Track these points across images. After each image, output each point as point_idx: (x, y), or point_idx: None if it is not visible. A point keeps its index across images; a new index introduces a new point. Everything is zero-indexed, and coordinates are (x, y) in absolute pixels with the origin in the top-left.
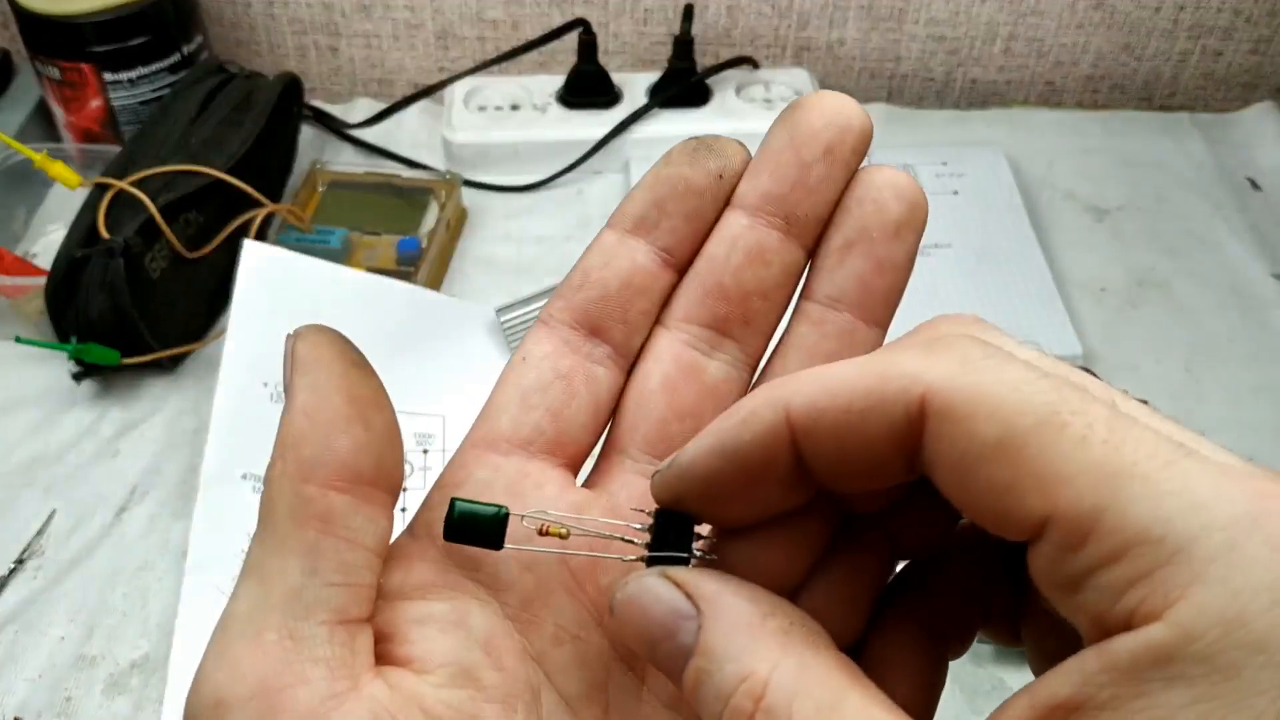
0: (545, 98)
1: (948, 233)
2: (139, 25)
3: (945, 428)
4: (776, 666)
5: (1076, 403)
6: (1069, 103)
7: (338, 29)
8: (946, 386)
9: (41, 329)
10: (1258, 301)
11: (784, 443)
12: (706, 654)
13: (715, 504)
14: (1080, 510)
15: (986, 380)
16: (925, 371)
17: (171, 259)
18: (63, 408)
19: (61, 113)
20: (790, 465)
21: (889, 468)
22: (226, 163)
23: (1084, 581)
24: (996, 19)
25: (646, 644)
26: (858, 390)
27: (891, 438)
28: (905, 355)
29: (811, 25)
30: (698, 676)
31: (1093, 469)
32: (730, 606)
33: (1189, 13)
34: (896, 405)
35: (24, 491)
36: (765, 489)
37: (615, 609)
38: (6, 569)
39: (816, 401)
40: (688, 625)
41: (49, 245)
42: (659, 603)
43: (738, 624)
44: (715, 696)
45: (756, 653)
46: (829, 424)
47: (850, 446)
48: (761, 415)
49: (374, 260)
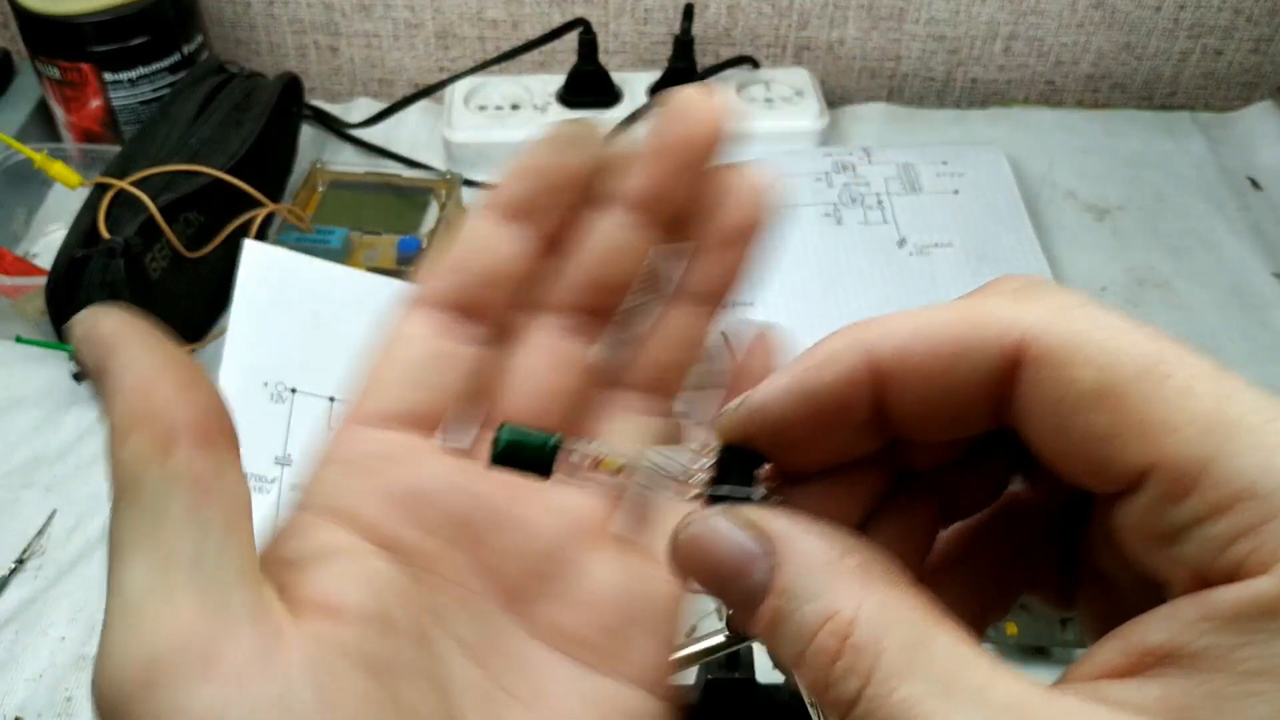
0: (545, 97)
1: (948, 232)
2: (139, 25)
3: (1043, 374)
4: (861, 604)
5: (1176, 355)
6: (1069, 102)
7: (338, 29)
8: (1045, 332)
9: (42, 329)
10: (1258, 301)
11: (864, 386)
12: (784, 593)
13: (784, 446)
14: (1186, 460)
15: (1086, 327)
16: (1022, 316)
17: (172, 259)
18: (63, 407)
19: (62, 112)
20: (867, 410)
21: (973, 416)
22: (227, 162)
23: (1184, 534)
24: (997, 18)
25: (715, 584)
26: (949, 334)
27: (982, 384)
28: (997, 301)
29: (812, 25)
30: (775, 616)
31: (1199, 419)
32: (805, 544)
33: (1189, 12)
34: (991, 350)
35: (24, 491)
36: (838, 434)
37: (679, 549)
38: (7, 569)
39: (904, 344)
40: (760, 565)
41: (49, 245)
42: (728, 542)
43: (815, 562)
44: (796, 636)
45: (838, 591)
46: (916, 368)
47: (937, 392)
48: (843, 357)
49: (374, 260)
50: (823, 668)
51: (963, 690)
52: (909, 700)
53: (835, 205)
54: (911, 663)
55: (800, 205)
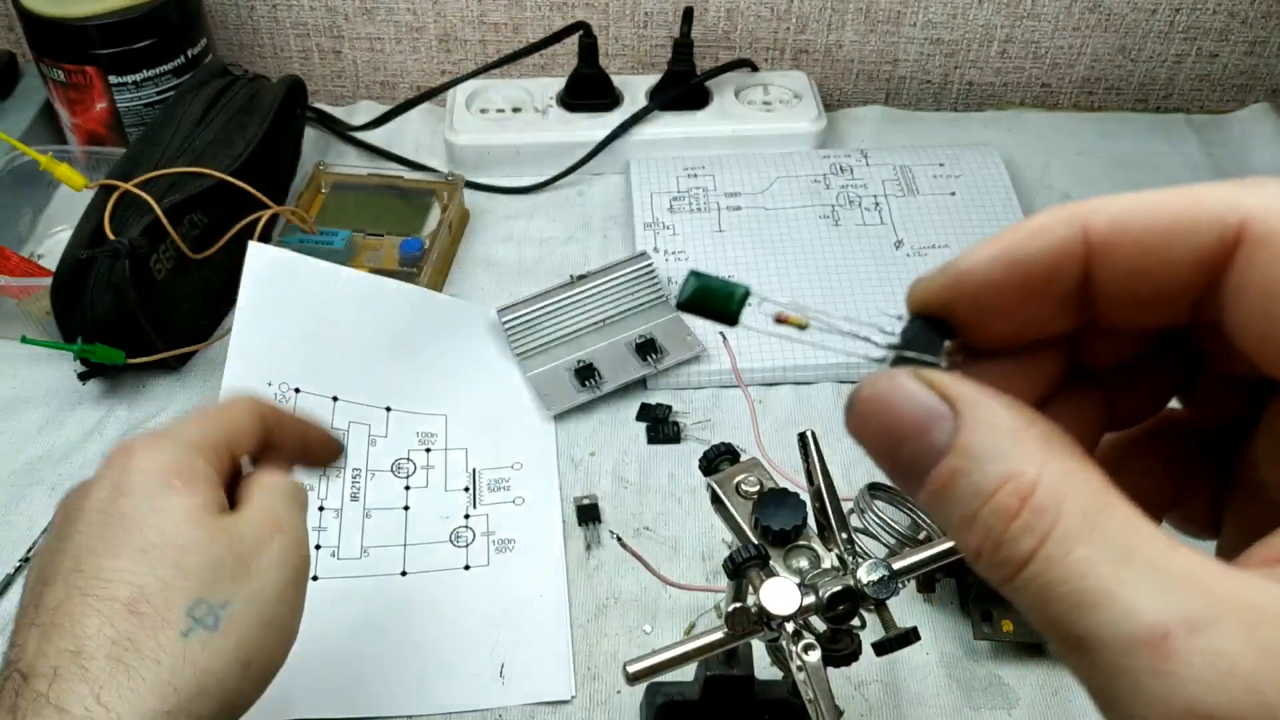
0: (546, 100)
1: (944, 233)
2: (144, 28)
3: (1262, 253)
4: (1043, 469)
5: None
6: (1065, 104)
7: (341, 32)
8: (1269, 214)
9: (47, 329)
10: None
11: (1075, 258)
12: (965, 453)
13: (981, 314)
14: None
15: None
16: (1244, 200)
17: (177, 260)
18: (69, 407)
19: (67, 115)
20: (1073, 285)
21: (1178, 298)
22: (231, 164)
23: None
24: (993, 22)
25: (890, 441)
26: (1169, 210)
27: (1196, 262)
28: (1217, 186)
29: (810, 28)
30: (952, 475)
31: None
32: (990, 409)
33: (1184, 15)
34: (1211, 228)
35: (30, 490)
36: (1038, 306)
37: (858, 405)
38: (12, 567)
39: (1121, 218)
40: (943, 424)
41: (55, 246)
42: (912, 400)
43: (999, 427)
44: (974, 495)
45: (1022, 454)
46: (1131, 242)
47: (1149, 268)
48: (1055, 228)
49: (377, 261)
50: (998, 526)
51: (1140, 558)
52: (1086, 561)
53: (833, 207)
54: (1091, 528)
55: (798, 207)
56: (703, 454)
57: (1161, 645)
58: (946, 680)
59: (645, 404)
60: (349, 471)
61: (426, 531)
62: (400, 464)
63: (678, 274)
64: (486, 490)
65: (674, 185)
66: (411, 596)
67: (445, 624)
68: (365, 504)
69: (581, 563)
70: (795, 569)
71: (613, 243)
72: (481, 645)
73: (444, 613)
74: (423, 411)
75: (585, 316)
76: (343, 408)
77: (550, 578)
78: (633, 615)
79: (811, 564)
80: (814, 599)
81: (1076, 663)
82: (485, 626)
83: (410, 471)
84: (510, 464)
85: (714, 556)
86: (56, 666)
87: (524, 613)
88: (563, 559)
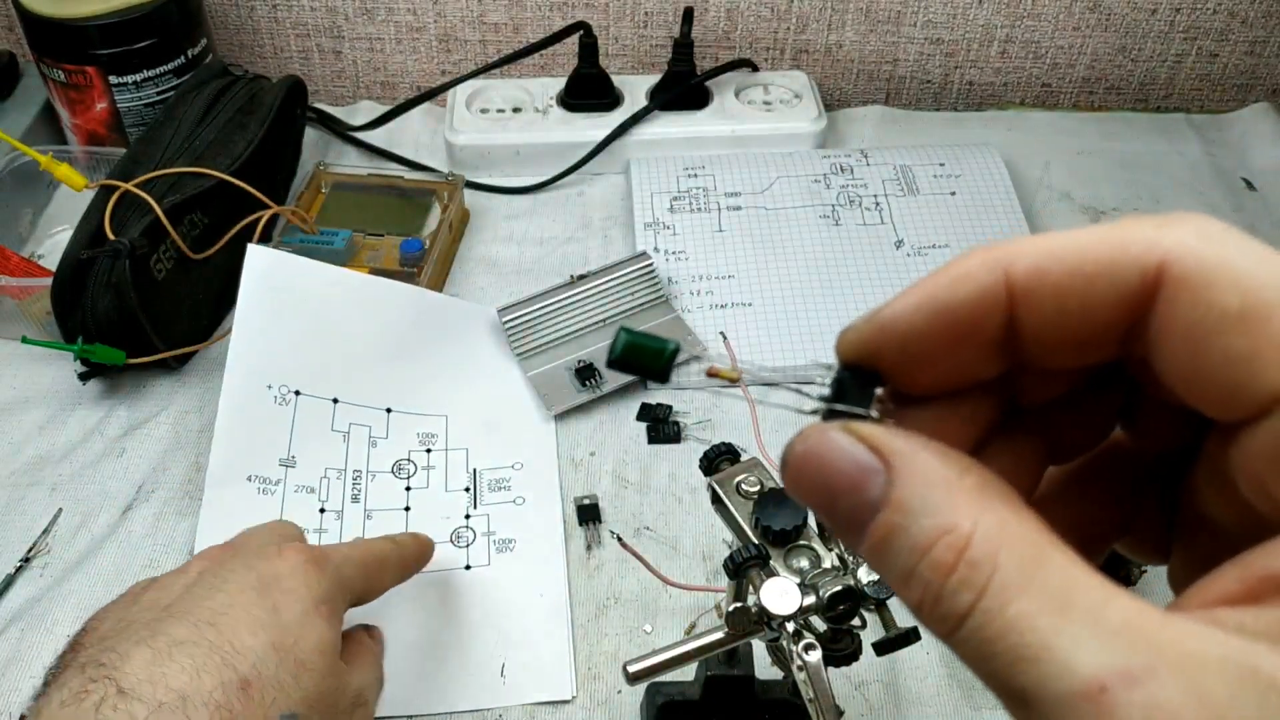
0: (546, 100)
1: (945, 234)
2: (144, 28)
3: (1183, 294)
4: (978, 520)
5: None
6: (1065, 104)
7: (341, 32)
8: (1188, 254)
9: (48, 329)
10: None
11: (998, 304)
12: (899, 508)
13: (907, 364)
14: None
15: (1230, 251)
16: (1163, 239)
17: (177, 260)
18: (69, 407)
19: (67, 115)
20: (998, 330)
21: (1104, 339)
22: (231, 165)
23: None
24: (993, 21)
25: (825, 497)
26: (1090, 253)
27: (1119, 305)
28: (1138, 224)
29: (810, 28)
30: (888, 531)
31: None
32: (923, 461)
33: (1185, 15)
34: (1132, 270)
35: (30, 490)
36: (964, 353)
37: (790, 462)
38: (13, 567)
39: (1042, 263)
40: (875, 479)
41: (55, 246)
42: (844, 456)
43: (932, 479)
44: (910, 550)
45: (956, 507)
46: (1053, 286)
47: (1072, 312)
48: (977, 275)
49: (377, 261)
50: (935, 581)
51: (1077, 609)
52: (1023, 615)
53: (833, 207)
54: (1028, 579)
55: (798, 207)
56: (703, 454)
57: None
58: (947, 680)
59: (645, 404)
60: (349, 473)
61: (427, 532)
62: (401, 465)
63: (678, 274)
64: (487, 490)
65: (674, 185)
66: (412, 596)
67: (446, 624)
68: (366, 505)
69: (582, 563)
70: (796, 569)
71: (613, 243)
72: (482, 645)
73: (444, 613)
74: (423, 412)
75: (585, 316)
76: (343, 409)
77: (551, 578)
78: (633, 615)
79: (812, 564)
80: (814, 599)
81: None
82: (486, 626)
83: (411, 472)
84: (511, 464)
85: (714, 556)
86: (163, 703)
87: (524, 613)
88: (563, 559)
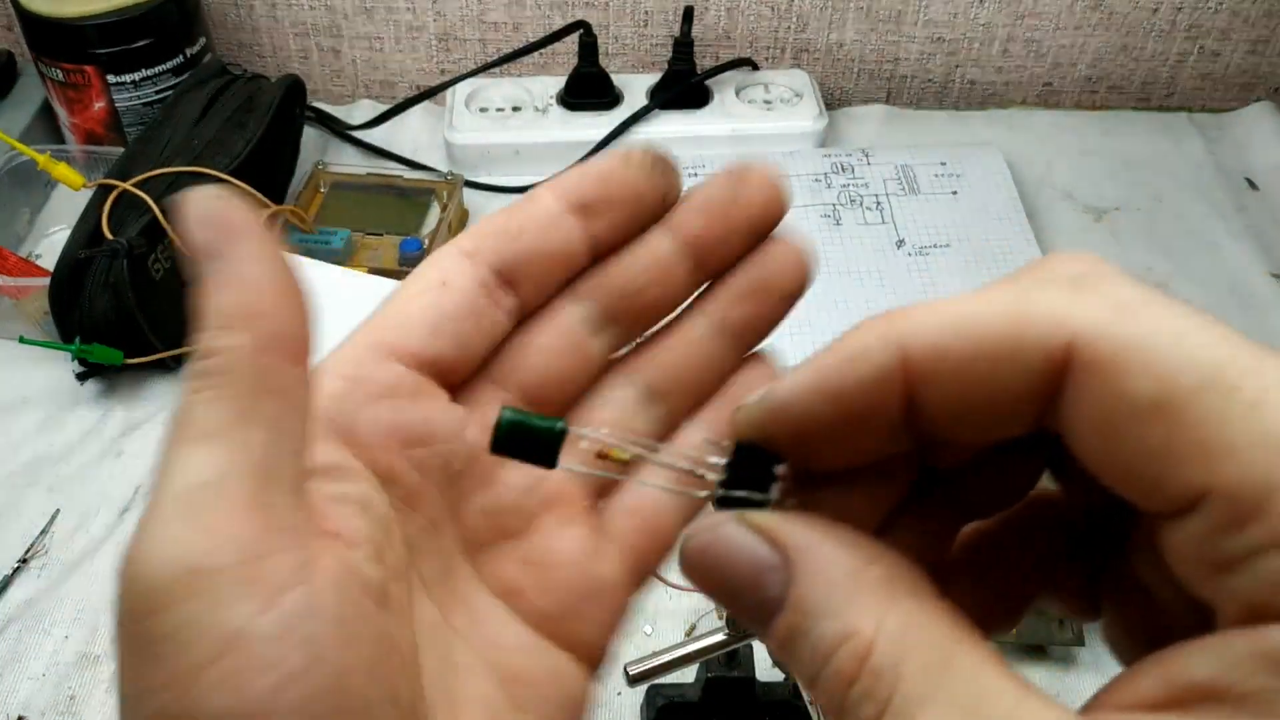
0: (546, 99)
1: (946, 233)
2: (142, 28)
3: (1093, 381)
4: (881, 623)
5: (1248, 361)
6: (1067, 103)
7: (340, 31)
8: (1098, 335)
9: (45, 329)
10: (1255, 301)
11: (895, 386)
12: (799, 609)
13: (805, 445)
14: (1248, 485)
15: (1145, 330)
16: (1073, 315)
17: (175, 260)
18: (67, 408)
19: (65, 114)
20: (898, 411)
21: (1013, 420)
22: (230, 164)
23: (1241, 564)
24: (995, 20)
25: (725, 595)
26: (991, 331)
27: (1026, 388)
28: (1047, 294)
29: (811, 27)
30: (789, 634)
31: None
32: (824, 555)
33: (1186, 14)
34: (1037, 352)
35: (28, 491)
36: (864, 433)
37: (686, 558)
38: (10, 568)
39: (940, 342)
40: (774, 577)
41: (53, 246)
42: (740, 553)
43: (835, 575)
44: (812, 656)
45: (858, 607)
46: (952, 368)
47: (974, 395)
48: (872, 354)
49: (376, 261)
50: (838, 691)
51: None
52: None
53: (834, 206)
54: (933, 688)
55: (799, 206)
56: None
57: None
58: None
59: None
60: None
61: None
62: None
63: None
64: None
65: None
66: None
67: None
68: None
69: None
70: None
71: None
72: None
73: None
74: None
75: None
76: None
77: None
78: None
79: None
80: None
81: None
82: None
83: None
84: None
85: None
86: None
87: None
88: None
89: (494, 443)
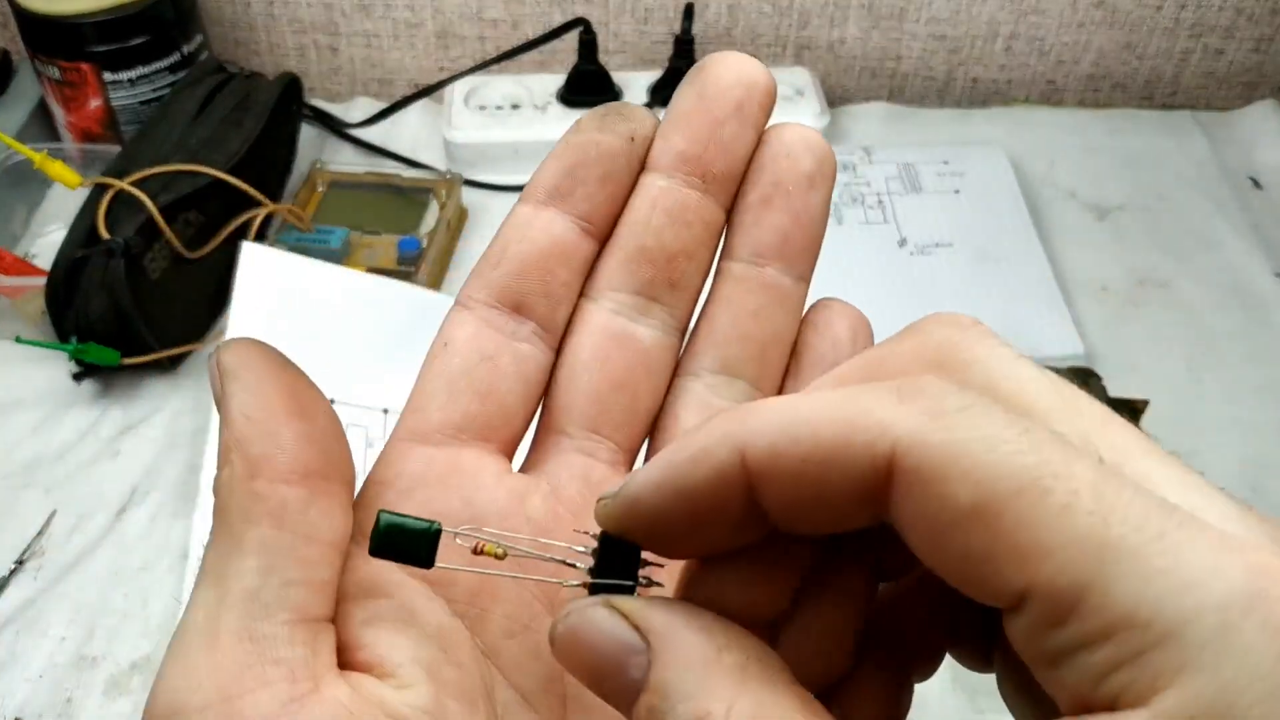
0: (546, 97)
1: (949, 232)
2: (139, 25)
3: (915, 488)
4: (731, 707)
5: (1060, 464)
6: (1070, 101)
7: (337, 28)
8: (917, 443)
9: (41, 329)
10: (1259, 300)
11: (738, 484)
12: (658, 691)
13: (663, 538)
14: (1062, 586)
15: (960, 437)
16: (895, 423)
17: (171, 259)
18: (63, 408)
19: (61, 112)
20: (744, 505)
21: (851, 518)
22: (227, 162)
23: (1065, 659)
24: (997, 18)
25: (592, 679)
26: (821, 437)
27: (856, 490)
28: (876, 399)
29: (812, 24)
30: (649, 715)
31: (1076, 542)
32: (682, 640)
33: (1190, 11)
34: (862, 459)
35: (24, 492)
36: (716, 527)
37: (556, 641)
38: (7, 569)
39: (775, 445)
40: (636, 660)
41: (49, 245)
42: (604, 636)
43: (691, 659)
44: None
45: (711, 691)
46: (788, 470)
47: (809, 495)
48: (715, 454)
49: (374, 260)
50: None
51: None
52: None
53: (836, 205)
54: None
55: None
56: None
57: None
58: (951, 684)
59: None
60: None
61: None
62: None
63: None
64: None
65: None
66: None
67: None
68: None
69: None
70: None
71: None
72: None
73: None
74: None
75: None
76: (339, 410)
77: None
78: None
79: None
80: None
81: None
82: None
83: None
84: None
85: None
86: None
87: None
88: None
89: (372, 547)
